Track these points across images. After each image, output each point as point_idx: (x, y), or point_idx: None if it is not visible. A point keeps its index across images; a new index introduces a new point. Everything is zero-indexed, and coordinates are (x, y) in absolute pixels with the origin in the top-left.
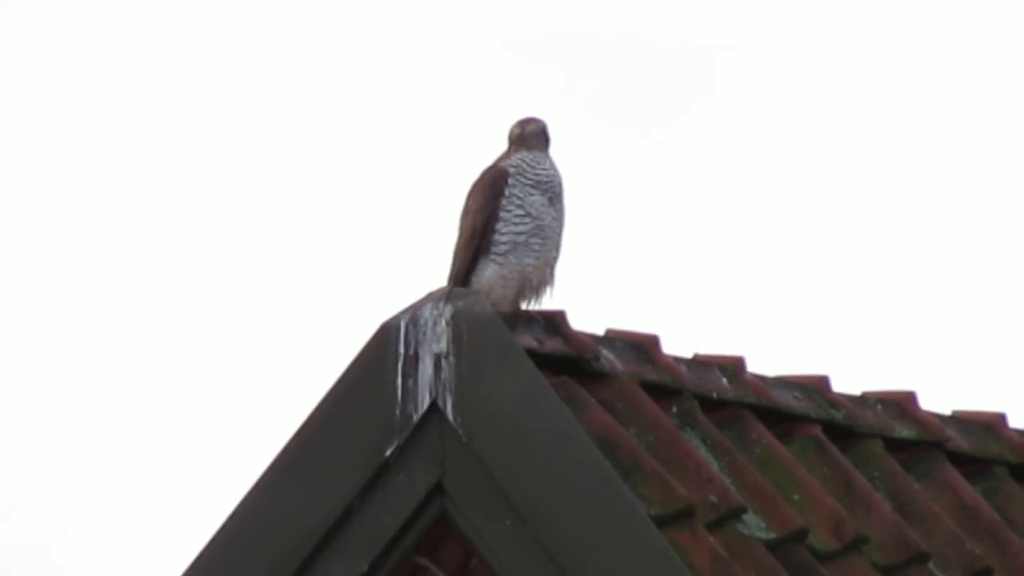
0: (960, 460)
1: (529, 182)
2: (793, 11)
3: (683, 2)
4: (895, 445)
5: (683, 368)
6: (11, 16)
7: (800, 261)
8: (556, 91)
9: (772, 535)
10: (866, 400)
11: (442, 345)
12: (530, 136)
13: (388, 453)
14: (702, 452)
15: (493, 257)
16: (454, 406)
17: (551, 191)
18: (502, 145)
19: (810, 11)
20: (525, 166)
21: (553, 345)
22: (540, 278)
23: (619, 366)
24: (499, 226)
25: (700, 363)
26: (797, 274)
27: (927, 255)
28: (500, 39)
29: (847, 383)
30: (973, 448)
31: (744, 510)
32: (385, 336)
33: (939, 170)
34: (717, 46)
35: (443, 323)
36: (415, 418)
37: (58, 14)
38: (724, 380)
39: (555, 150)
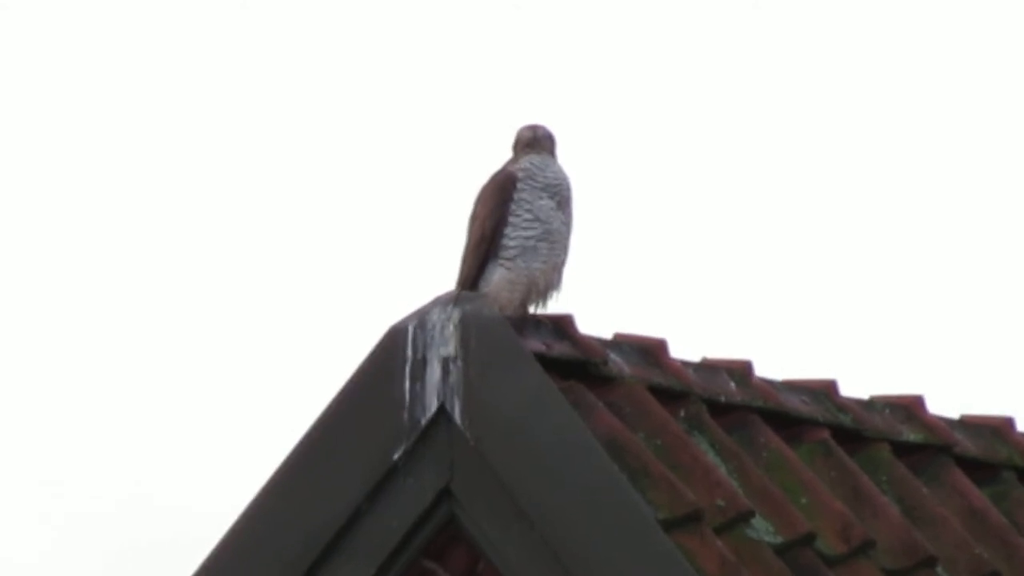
0: (968, 464)
1: (538, 186)
2: (793, 11)
3: (683, 2)
4: (903, 449)
5: (691, 372)
6: (11, 16)
7: (808, 266)
8: (557, 92)
9: (780, 539)
10: (874, 404)
11: (450, 349)
12: (542, 141)
13: (396, 457)
14: (710, 456)
15: (502, 262)
16: (462, 410)
17: (560, 195)
18: (508, 147)
19: (810, 11)
20: (534, 170)
21: (561, 349)
22: (547, 282)
23: (627, 370)
24: (508, 231)
25: (708, 367)
26: (805, 278)
27: (934, 260)
28: (500, 39)
29: (855, 387)
30: (981, 452)
31: (752, 514)
32: (393, 340)
33: (945, 173)
34: (717, 47)
35: (451, 327)
36: (423, 422)
37: (58, 14)
38: (732, 384)
39: (560, 153)
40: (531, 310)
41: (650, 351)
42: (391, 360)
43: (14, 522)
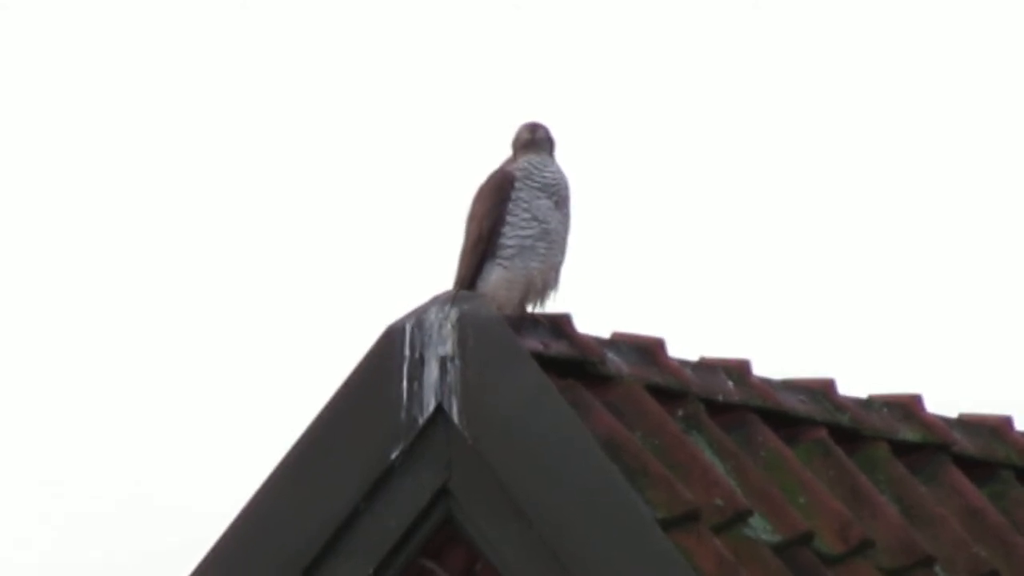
0: (966, 463)
1: (536, 186)
2: (793, 11)
3: (683, 2)
4: (901, 448)
5: (689, 371)
6: (11, 16)
7: (806, 264)
8: (557, 92)
9: (778, 538)
10: (872, 403)
11: (448, 348)
12: (540, 141)
13: (394, 456)
14: (708, 455)
15: (499, 261)
16: (460, 409)
17: (557, 195)
18: (506, 146)
19: (810, 11)
20: (532, 169)
21: (559, 348)
22: (545, 281)
23: (625, 369)
24: (506, 230)
25: (706, 366)
26: (803, 277)
27: (932, 258)
28: (500, 39)
29: (853, 386)
30: (979, 451)
31: (750, 513)
32: (391, 339)
33: (942, 171)
34: (717, 47)
35: (449, 326)
36: (420, 421)
37: (58, 14)
38: (730, 383)
39: (558, 153)
40: (529, 309)
41: (648, 350)
42: (389, 359)
43: (14, 522)
